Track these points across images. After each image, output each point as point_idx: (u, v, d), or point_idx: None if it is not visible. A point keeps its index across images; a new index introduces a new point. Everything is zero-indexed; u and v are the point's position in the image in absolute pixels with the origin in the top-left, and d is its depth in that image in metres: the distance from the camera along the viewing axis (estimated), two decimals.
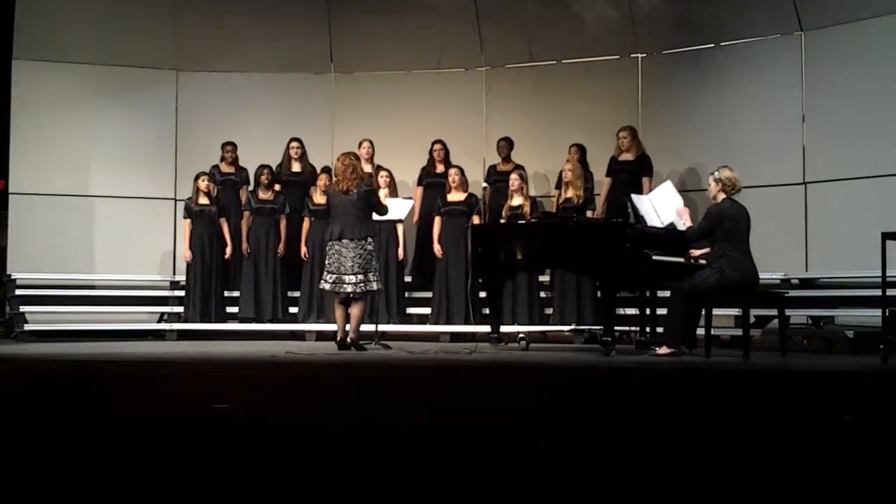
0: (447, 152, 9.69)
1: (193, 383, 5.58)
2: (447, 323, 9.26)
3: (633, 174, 9.02)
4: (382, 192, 8.82)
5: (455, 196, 9.34)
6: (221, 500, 3.03)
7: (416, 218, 9.62)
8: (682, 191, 9.34)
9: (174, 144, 10.46)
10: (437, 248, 9.35)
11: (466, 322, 9.06)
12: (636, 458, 3.36)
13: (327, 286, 7.77)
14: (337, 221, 7.76)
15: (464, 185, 9.39)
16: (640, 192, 8.54)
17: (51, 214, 9.97)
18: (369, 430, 3.99)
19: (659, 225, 7.45)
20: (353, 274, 7.63)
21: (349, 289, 7.65)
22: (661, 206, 7.60)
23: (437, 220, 9.38)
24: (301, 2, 10.63)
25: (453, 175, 9.33)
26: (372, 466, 3.31)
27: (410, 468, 3.30)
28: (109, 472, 3.24)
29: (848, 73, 8.57)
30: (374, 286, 7.74)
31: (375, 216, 7.94)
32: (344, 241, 7.66)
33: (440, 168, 9.65)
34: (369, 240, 7.73)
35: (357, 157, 8.11)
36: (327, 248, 7.79)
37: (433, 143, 9.70)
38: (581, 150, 9.36)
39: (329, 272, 7.74)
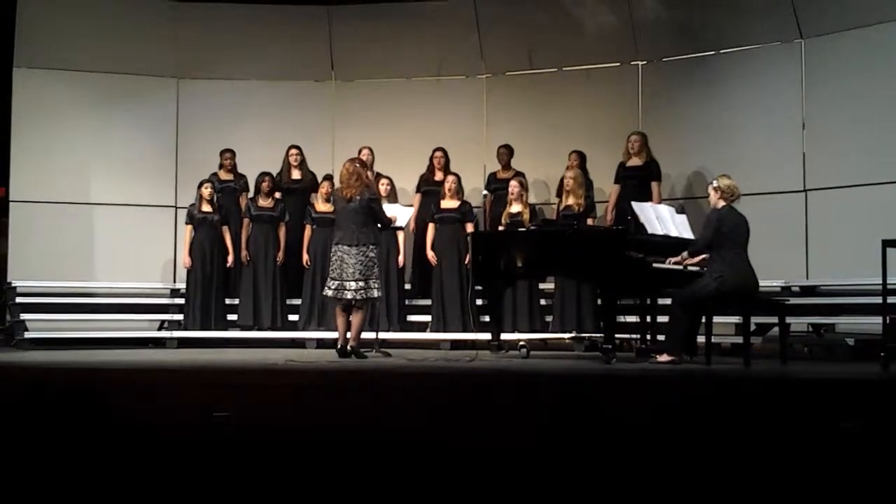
0: (447, 160, 9.69)
1: (194, 391, 5.57)
2: (445, 331, 9.26)
3: (641, 179, 8.98)
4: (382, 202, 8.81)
5: (448, 203, 9.34)
6: None
7: (412, 226, 9.61)
8: (683, 198, 9.38)
9: (174, 152, 10.47)
10: (429, 254, 9.35)
11: (465, 329, 9.06)
12: (636, 467, 3.35)
13: (330, 292, 7.76)
14: (340, 227, 7.77)
15: (459, 192, 9.39)
16: (649, 197, 8.54)
17: (51, 222, 9.98)
18: (370, 437, 3.99)
19: (660, 232, 7.44)
20: (354, 280, 7.63)
21: (350, 295, 7.65)
22: (663, 215, 7.59)
23: (430, 227, 9.38)
24: (302, 9, 10.66)
25: (450, 182, 9.33)
26: (372, 473, 3.31)
27: (410, 475, 3.30)
28: (110, 480, 3.24)
29: (848, 81, 8.57)
30: (375, 293, 7.73)
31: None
32: (345, 246, 7.66)
33: (439, 176, 9.64)
34: (371, 247, 7.71)
35: (363, 164, 8.10)
36: (331, 253, 7.79)
37: (434, 151, 9.71)
38: (581, 156, 9.35)
39: (332, 278, 7.73)
